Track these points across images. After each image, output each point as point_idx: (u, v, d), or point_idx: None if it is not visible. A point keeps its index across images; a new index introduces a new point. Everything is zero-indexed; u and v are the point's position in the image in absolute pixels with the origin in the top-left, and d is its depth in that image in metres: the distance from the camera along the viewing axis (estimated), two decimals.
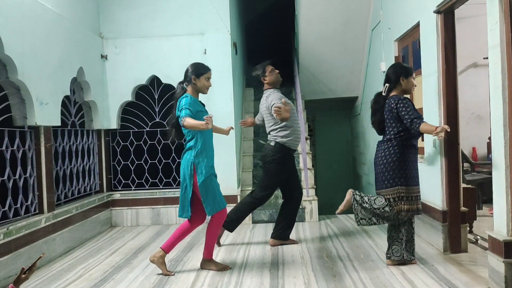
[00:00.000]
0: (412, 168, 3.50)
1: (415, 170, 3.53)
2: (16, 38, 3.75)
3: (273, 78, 4.31)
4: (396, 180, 3.45)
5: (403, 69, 3.59)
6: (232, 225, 4.34)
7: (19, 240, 3.66)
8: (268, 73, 4.31)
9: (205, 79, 3.59)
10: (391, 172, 3.45)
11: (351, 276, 3.38)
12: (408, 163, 3.47)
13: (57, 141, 4.59)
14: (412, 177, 3.50)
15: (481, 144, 6.68)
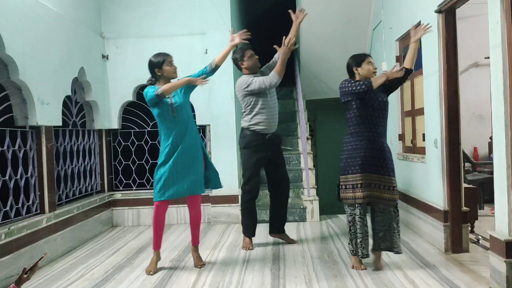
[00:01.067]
0: (354, 156, 3.41)
1: (361, 158, 3.38)
2: (18, 38, 3.75)
3: (251, 64, 4.23)
4: (340, 169, 3.49)
5: (353, 59, 3.55)
6: (247, 231, 4.32)
7: (21, 240, 3.66)
8: (247, 58, 4.24)
9: (168, 65, 3.62)
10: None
11: (352, 276, 3.38)
12: (350, 151, 3.43)
13: (58, 141, 4.59)
14: (352, 165, 3.41)
15: (483, 144, 6.67)
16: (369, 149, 3.40)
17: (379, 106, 3.44)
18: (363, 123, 3.43)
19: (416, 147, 4.77)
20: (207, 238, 4.83)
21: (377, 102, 3.43)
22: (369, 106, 3.42)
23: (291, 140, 6.68)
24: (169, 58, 3.65)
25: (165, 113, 3.58)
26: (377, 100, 3.43)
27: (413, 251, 3.97)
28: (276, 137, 4.30)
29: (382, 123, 3.47)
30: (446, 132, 3.86)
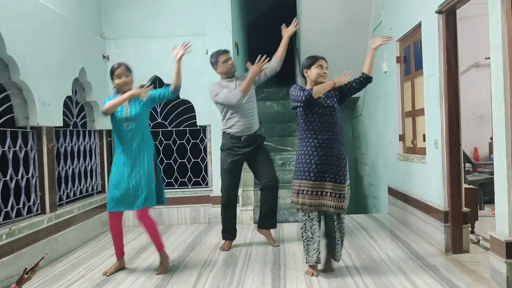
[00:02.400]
0: (302, 162, 3.36)
1: (307, 165, 3.33)
2: (18, 39, 3.76)
3: (224, 69, 4.25)
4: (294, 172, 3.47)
5: (305, 60, 3.49)
6: (223, 233, 4.38)
7: (22, 240, 3.67)
8: (221, 63, 4.27)
9: (117, 78, 3.68)
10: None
11: (353, 276, 3.38)
12: (299, 157, 3.39)
13: (59, 141, 4.60)
14: (301, 170, 3.36)
15: (483, 144, 6.67)
16: (317, 156, 3.30)
17: (326, 113, 3.33)
18: (309, 130, 3.35)
19: (416, 148, 4.77)
20: (207, 238, 4.83)
21: (323, 109, 3.33)
22: (314, 113, 3.32)
23: (291, 140, 6.69)
24: (119, 70, 3.68)
25: (117, 123, 3.61)
26: (322, 106, 3.33)
27: (413, 251, 3.97)
28: (254, 137, 4.26)
29: (332, 129, 3.34)
30: (446, 133, 3.86)
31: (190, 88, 5.65)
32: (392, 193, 5.48)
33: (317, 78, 3.38)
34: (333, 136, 3.35)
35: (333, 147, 3.34)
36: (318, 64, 3.42)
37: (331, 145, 3.34)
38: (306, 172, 3.34)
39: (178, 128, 5.81)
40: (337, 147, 3.36)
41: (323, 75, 3.40)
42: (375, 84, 6.32)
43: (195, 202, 5.68)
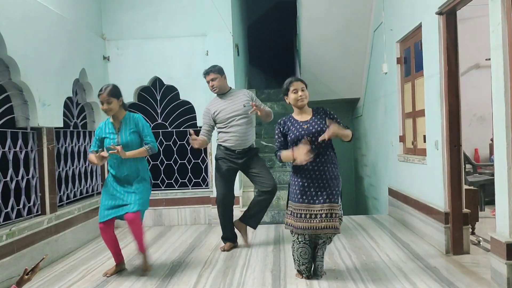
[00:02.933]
0: (295, 184, 3.29)
1: (296, 187, 3.28)
2: (19, 40, 3.76)
3: (209, 88, 4.31)
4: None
5: (283, 87, 3.41)
6: (222, 236, 4.41)
7: (22, 241, 3.67)
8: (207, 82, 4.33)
9: (101, 104, 3.57)
10: None
11: (353, 277, 3.38)
12: (292, 179, 3.35)
13: (59, 142, 4.60)
14: (292, 192, 3.32)
15: (483, 146, 6.67)
16: (306, 179, 3.24)
17: (310, 141, 3.22)
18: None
19: (417, 149, 4.77)
20: (208, 239, 4.83)
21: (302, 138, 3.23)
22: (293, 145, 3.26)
23: None
24: (101, 97, 3.53)
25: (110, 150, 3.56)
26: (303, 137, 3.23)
27: (413, 252, 3.97)
28: (249, 150, 4.29)
29: (320, 155, 3.25)
30: (447, 134, 3.86)
31: (190, 89, 5.66)
32: (393, 194, 5.48)
33: (295, 103, 3.35)
34: (325, 158, 3.28)
35: (325, 169, 3.26)
36: (292, 89, 3.33)
37: (322, 168, 3.26)
38: (296, 195, 3.28)
39: (178, 129, 5.81)
40: (329, 169, 3.28)
41: (300, 99, 3.33)
42: (375, 85, 6.34)
43: (196, 203, 5.68)
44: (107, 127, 3.64)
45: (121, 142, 3.55)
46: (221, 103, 4.25)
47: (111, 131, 3.61)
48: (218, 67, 4.30)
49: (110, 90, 3.53)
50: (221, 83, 4.25)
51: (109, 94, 3.51)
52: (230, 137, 4.21)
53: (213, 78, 4.23)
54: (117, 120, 3.62)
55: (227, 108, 4.22)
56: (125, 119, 3.64)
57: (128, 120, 3.64)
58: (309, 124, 3.30)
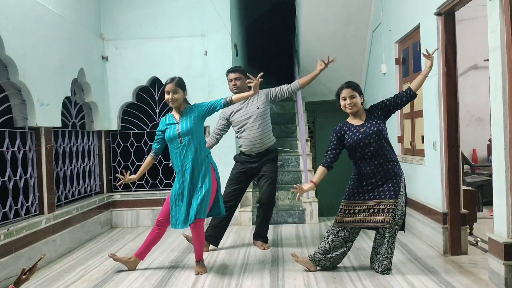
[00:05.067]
0: (350, 185, 3.48)
1: (351, 187, 3.46)
2: (17, 39, 3.75)
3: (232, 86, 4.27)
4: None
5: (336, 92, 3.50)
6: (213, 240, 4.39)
7: (20, 241, 3.66)
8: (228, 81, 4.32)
9: (166, 93, 3.62)
10: None
11: (351, 278, 3.38)
12: (351, 181, 3.49)
13: (57, 142, 4.59)
14: (347, 192, 3.48)
15: (482, 146, 6.68)
16: (367, 180, 3.38)
17: (368, 143, 3.32)
18: (354, 163, 3.47)
19: (415, 149, 4.78)
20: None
21: (363, 143, 3.33)
22: (354, 151, 3.39)
23: (289, 141, 6.69)
24: (167, 87, 3.60)
25: (171, 141, 3.62)
26: (362, 141, 3.33)
27: (412, 253, 3.98)
28: (265, 153, 4.28)
29: (375, 156, 3.35)
30: (445, 134, 3.87)
31: (190, 89, 5.60)
32: None
33: (344, 110, 3.47)
34: (381, 161, 3.35)
35: (384, 169, 3.35)
36: (342, 96, 3.43)
37: (381, 169, 3.35)
38: (350, 193, 3.44)
39: None
40: (387, 168, 3.36)
41: (348, 107, 3.40)
42: (374, 85, 6.35)
43: None
44: (168, 119, 3.66)
45: (182, 130, 3.55)
46: (238, 104, 4.22)
47: (171, 122, 3.63)
48: (243, 68, 4.33)
49: (178, 81, 3.59)
50: (243, 84, 4.20)
51: (176, 84, 3.57)
52: (244, 141, 4.25)
53: (238, 77, 4.21)
54: (179, 112, 3.63)
55: (242, 110, 4.22)
56: (186, 110, 3.64)
57: (190, 110, 3.63)
58: (365, 127, 3.36)
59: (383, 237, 3.38)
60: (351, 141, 3.35)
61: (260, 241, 4.42)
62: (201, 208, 3.51)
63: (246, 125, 4.20)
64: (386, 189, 3.35)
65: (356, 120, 3.44)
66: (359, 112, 3.42)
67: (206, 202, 3.56)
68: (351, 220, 3.41)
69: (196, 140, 3.57)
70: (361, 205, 3.41)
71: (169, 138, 3.61)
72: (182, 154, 3.58)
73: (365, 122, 3.38)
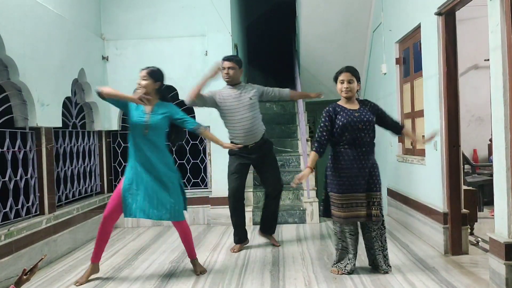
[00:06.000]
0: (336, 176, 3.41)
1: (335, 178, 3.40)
2: (18, 39, 3.75)
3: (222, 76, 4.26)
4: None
5: (335, 74, 3.52)
6: (234, 236, 4.41)
7: (20, 241, 3.66)
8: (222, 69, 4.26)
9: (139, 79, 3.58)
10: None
11: (351, 278, 3.38)
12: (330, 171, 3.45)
13: (58, 142, 4.60)
14: (334, 184, 3.40)
15: (482, 146, 6.68)
16: (354, 169, 3.34)
17: (361, 129, 3.34)
18: (336, 150, 3.41)
19: (415, 149, 4.77)
20: (206, 239, 4.83)
21: (356, 127, 3.33)
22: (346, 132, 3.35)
23: (290, 142, 6.68)
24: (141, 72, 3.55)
25: (137, 127, 3.47)
26: (356, 124, 3.33)
27: (412, 253, 3.97)
28: (261, 144, 4.27)
29: (364, 143, 3.38)
30: (446, 134, 3.87)
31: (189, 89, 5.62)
32: (392, 194, 5.48)
33: (340, 93, 3.50)
34: (368, 149, 3.38)
35: (368, 159, 3.38)
36: (340, 78, 3.46)
37: (366, 157, 3.37)
38: (341, 185, 3.36)
39: None
40: (371, 158, 3.41)
41: (344, 90, 3.42)
42: (374, 85, 6.34)
43: (194, 203, 5.67)
44: (139, 107, 3.54)
45: (151, 122, 3.45)
46: (230, 92, 4.22)
47: (142, 110, 3.52)
48: (239, 59, 4.30)
49: (151, 70, 3.55)
50: (236, 74, 4.23)
51: (148, 72, 3.53)
52: (238, 133, 4.18)
53: (231, 66, 4.20)
54: (150, 103, 3.52)
55: (235, 100, 4.18)
56: (158, 104, 3.55)
57: (163, 106, 3.56)
58: (359, 113, 3.37)
59: (371, 230, 3.41)
60: (345, 121, 3.31)
61: (269, 234, 4.44)
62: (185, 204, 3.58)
63: (239, 115, 4.14)
64: (371, 182, 3.37)
65: (348, 104, 3.43)
66: (352, 98, 3.44)
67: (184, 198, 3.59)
68: (352, 215, 3.36)
69: (158, 136, 3.49)
70: (351, 198, 3.35)
71: (134, 123, 3.47)
72: (145, 146, 3.45)
73: (359, 109, 3.39)
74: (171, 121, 3.58)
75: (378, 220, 3.37)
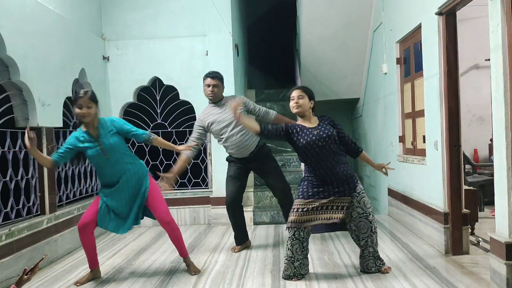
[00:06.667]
0: (304, 185, 3.40)
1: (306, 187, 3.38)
2: (18, 39, 3.76)
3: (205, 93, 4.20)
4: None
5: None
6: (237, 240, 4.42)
7: (21, 241, 3.66)
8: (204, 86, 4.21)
9: (77, 108, 3.31)
10: None
11: (352, 278, 3.38)
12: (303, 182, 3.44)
13: (59, 142, 4.60)
14: (300, 192, 3.39)
15: (483, 146, 6.68)
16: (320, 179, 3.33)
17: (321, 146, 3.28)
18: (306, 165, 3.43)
19: (416, 149, 4.77)
20: (207, 239, 4.83)
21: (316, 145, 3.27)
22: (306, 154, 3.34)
23: None
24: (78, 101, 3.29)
25: (95, 159, 3.43)
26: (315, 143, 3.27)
27: (413, 253, 3.97)
28: (257, 152, 4.22)
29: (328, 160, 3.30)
30: (446, 134, 3.86)
31: (190, 89, 5.65)
32: (392, 194, 5.48)
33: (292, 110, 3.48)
34: (334, 162, 3.32)
35: (336, 170, 3.31)
36: (291, 96, 3.43)
37: (334, 170, 3.31)
38: (305, 192, 3.34)
39: (178, 129, 5.81)
40: (340, 169, 3.32)
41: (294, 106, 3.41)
42: (375, 85, 6.35)
43: (195, 203, 5.68)
44: (82, 137, 3.37)
45: (105, 147, 3.36)
46: (215, 112, 4.16)
47: (89, 140, 3.37)
48: (221, 76, 4.20)
49: (91, 94, 3.33)
50: (220, 92, 4.17)
51: (90, 98, 3.31)
52: (231, 149, 4.19)
53: (216, 84, 4.11)
54: (92, 127, 3.38)
55: (220, 119, 4.12)
56: (101, 124, 3.41)
57: (105, 125, 3.42)
58: (318, 130, 3.33)
59: (359, 239, 3.41)
60: (304, 142, 3.29)
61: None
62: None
63: (226, 133, 4.11)
64: (341, 190, 3.31)
65: (307, 123, 3.39)
66: (307, 115, 3.39)
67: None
68: (303, 219, 3.31)
69: (120, 153, 3.44)
70: (315, 203, 3.31)
71: (92, 157, 3.40)
72: (110, 169, 3.44)
73: (318, 126, 3.35)
74: (122, 136, 3.50)
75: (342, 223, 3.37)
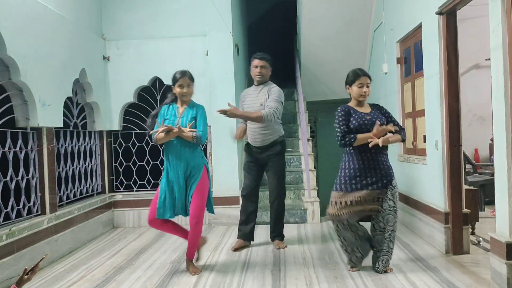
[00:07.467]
0: (344, 175, 3.42)
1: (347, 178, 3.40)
2: (19, 40, 3.76)
3: (251, 74, 4.34)
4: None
5: (348, 77, 3.48)
6: (238, 231, 4.45)
7: (22, 241, 3.67)
8: (251, 67, 4.33)
9: (178, 87, 3.60)
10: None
11: (353, 277, 3.38)
12: (342, 171, 3.45)
13: (59, 142, 4.60)
14: (341, 183, 3.42)
15: (483, 146, 6.67)
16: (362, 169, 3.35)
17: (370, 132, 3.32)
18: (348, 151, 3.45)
19: (417, 149, 4.77)
20: (208, 239, 4.82)
21: (367, 130, 3.32)
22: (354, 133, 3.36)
23: (292, 141, 6.69)
24: (181, 80, 3.58)
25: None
26: (367, 128, 3.33)
27: (413, 252, 3.97)
28: (269, 146, 4.27)
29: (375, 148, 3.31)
30: (447, 134, 3.86)
31: None
32: None
33: (357, 97, 3.44)
34: (378, 150, 3.34)
35: (378, 159, 3.35)
36: (359, 82, 3.41)
37: (376, 158, 3.35)
38: (348, 185, 3.37)
39: None
40: (381, 159, 3.37)
41: (363, 95, 3.41)
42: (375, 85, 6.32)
43: None
44: (170, 111, 3.66)
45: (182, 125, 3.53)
46: (252, 92, 4.33)
47: (173, 114, 3.64)
48: (269, 57, 4.32)
49: (190, 74, 3.63)
50: (267, 73, 4.31)
51: (190, 77, 3.61)
52: (249, 133, 4.31)
53: (263, 65, 4.26)
54: (184, 105, 3.66)
55: (251, 100, 4.27)
56: (190, 106, 3.66)
57: (192, 107, 3.65)
58: (371, 116, 3.39)
59: (384, 231, 3.38)
60: (357, 124, 3.35)
61: (277, 239, 4.41)
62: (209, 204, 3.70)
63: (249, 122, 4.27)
64: (379, 180, 3.35)
65: (360, 108, 3.46)
66: (364, 102, 3.49)
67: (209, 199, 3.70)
68: (347, 212, 3.35)
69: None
70: (353, 196, 3.35)
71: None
72: (177, 149, 3.56)
73: (371, 112, 3.43)
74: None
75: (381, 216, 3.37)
